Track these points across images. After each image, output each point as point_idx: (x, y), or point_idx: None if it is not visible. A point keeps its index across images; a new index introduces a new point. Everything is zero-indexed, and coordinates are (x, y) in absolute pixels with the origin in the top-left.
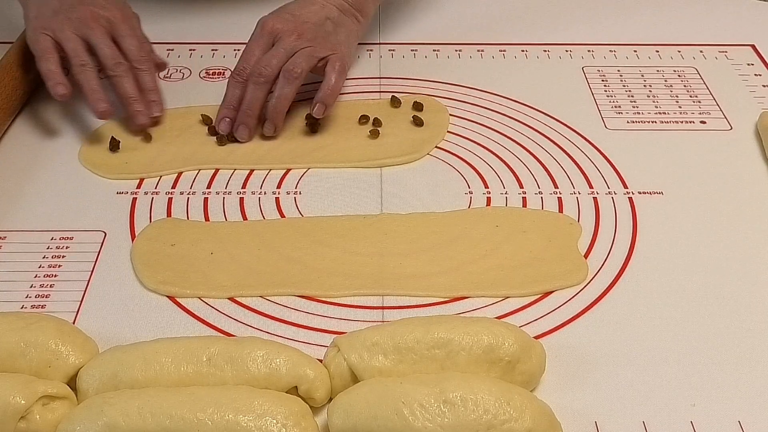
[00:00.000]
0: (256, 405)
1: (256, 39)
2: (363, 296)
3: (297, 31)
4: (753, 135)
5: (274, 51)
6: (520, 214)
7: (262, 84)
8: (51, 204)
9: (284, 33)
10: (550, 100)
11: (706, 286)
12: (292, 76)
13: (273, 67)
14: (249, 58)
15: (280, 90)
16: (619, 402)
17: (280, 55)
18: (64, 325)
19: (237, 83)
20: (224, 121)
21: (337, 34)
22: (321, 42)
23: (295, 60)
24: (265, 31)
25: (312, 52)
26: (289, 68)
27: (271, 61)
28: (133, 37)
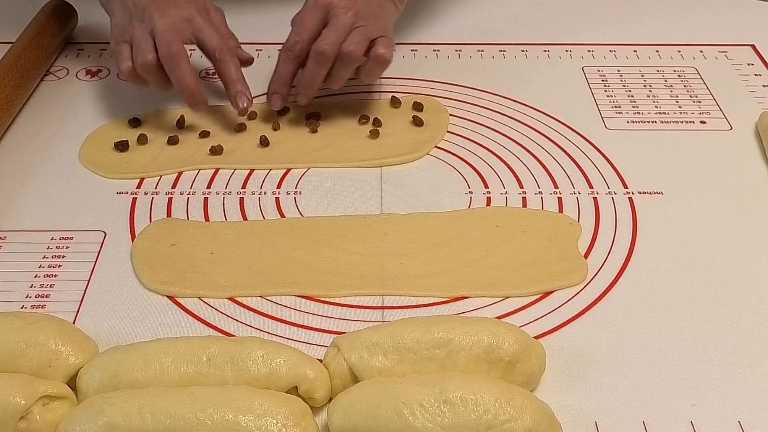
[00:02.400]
0: (256, 405)
1: (309, 11)
2: (363, 296)
3: (353, 8)
4: (753, 135)
5: (334, 29)
6: (520, 214)
7: (324, 63)
8: (51, 204)
9: (339, 8)
10: (550, 100)
11: (706, 286)
12: (350, 59)
13: (335, 46)
14: (302, 31)
15: (337, 71)
16: (619, 402)
17: (340, 32)
18: (64, 325)
19: (290, 59)
20: (276, 96)
21: (384, 16)
22: (373, 22)
23: (353, 40)
24: (320, 5)
25: (366, 33)
26: (348, 51)
27: (332, 37)
28: (210, 29)
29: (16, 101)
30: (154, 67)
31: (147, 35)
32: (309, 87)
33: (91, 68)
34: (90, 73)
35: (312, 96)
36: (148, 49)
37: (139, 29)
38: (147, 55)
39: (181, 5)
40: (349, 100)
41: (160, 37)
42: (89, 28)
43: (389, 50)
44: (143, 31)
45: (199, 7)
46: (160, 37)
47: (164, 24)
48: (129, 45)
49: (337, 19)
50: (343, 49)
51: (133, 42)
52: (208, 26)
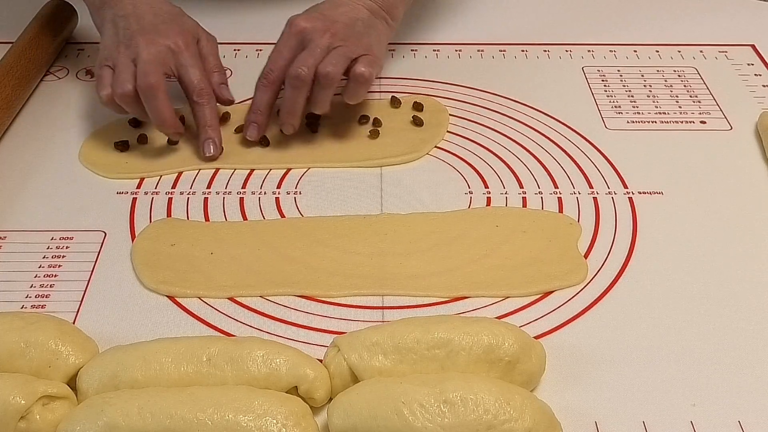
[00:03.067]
0: (256, 405)
1: (284, 40)
2: (363, 296)
3: (329, 30)
4: (753, 135)
5: (310, 51)
6: (520, 214)
7: (301, 87)
8: (51, 204)
9: (315, 32)
10: (550, 100)
11: (706, 285)
12: (327, 81)
13: (310, 68)
14: (278, 59)
15: (316, 95)
16: (619, 402)
17: (316, 54)
18: (64, 325)
19: (265, 87)
20: (253, 126)
21: (369, 36)
22: (354, 42)
23: (330, 60)
24: (294, 31)
25: (345, 53)
26: (325, 72)
27: (308, 60)
28: (193, 66)
29: (16, 101)
30: (131, 97)
31: (129, 63)
32: (290, 114)
33: (91, 68)
34: (90, 73)
35: (296, 124)
36: (128, 79)
37: (123, 55)
38: (126, 85)
39: (170, 35)
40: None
41: (140, 67)
42: (89, 28)
43: (370, 68)
44: (127, 58)
45: (187, 39)
46: (141, 67)
47: (148, 53)
48: (111, 70)
49: (312, 42)
50: (319, 71)
51: (116, 68)
52: (192, 62)
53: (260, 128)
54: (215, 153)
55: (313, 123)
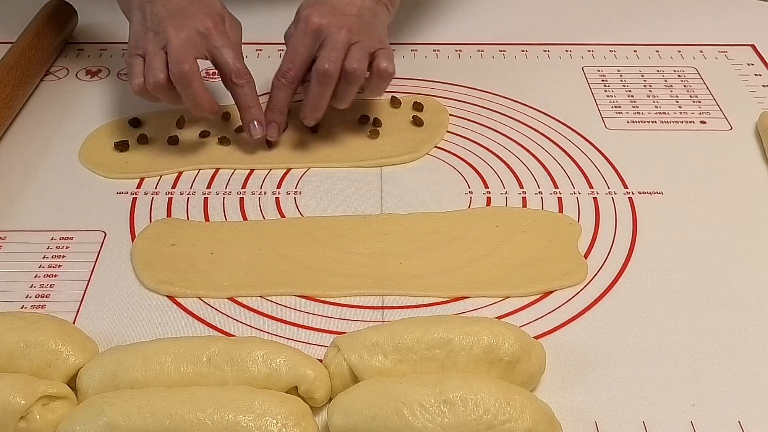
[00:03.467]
0: (256, 405)
1: (299, 36)
2: (363, 296)
3: (345, 25)
4: (753, 135)
5: (332, 47)
6: (520, 214)
7: (328, 83)
8: (51, 204)
9: (332, 28)
10: (550, 100)
11: (706, 286)
12: (354, 77)
13: (337, 64)
14: (294, 57)
15: (343, 91)
16: (619, 402)
17: (339, 51)
18: (64, 325)
19: (284, 86)
20: (273, 126)
21: (377, 26)
22: (368, 35)
23: (354, 57)
24: (310, 28)
25: (365, 48)
26: (352, 69)
27: (333, 56)
28: (226, 47)
29: (16, 101)
30: (164, 86)
31: (160, 51)
32: (315, 108)
33: (91, 68)
34: (90, 73)
35: (319, 118)
36: (160, 68)
37: (152, 43)
38: (158, 74)
39: (198, 17)
40: None
41: (172, 55)
42: (89, 28)
43: (391, 63)
44: (156, 46)
45: (215, 20)
46: (173, 55)
47: (177, 39)
48: (142, 59)
49: (332, 38)
50: (346, 68)
51: (146, 57)
52: (224, 42)
53: (280, 128)
54: (262, 133)
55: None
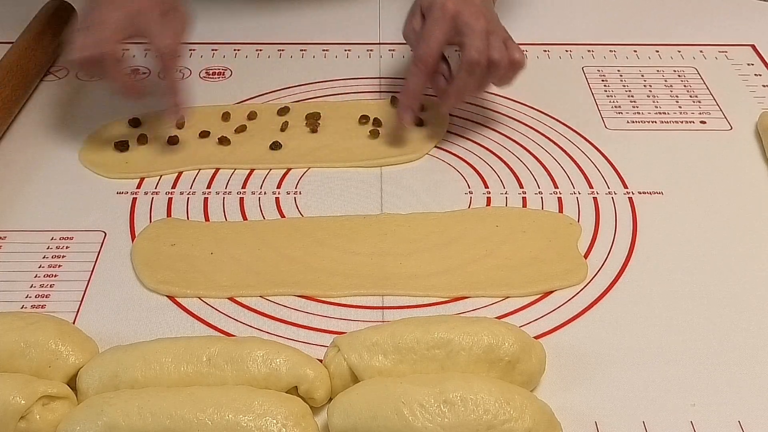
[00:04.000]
0: (256, 405)
1: (438, 23)
2: (363, 296)
3: (481, 14)
4: (753, 135)
5: (476, 37)
6: (520, 214)
7: (477, 72)
8: (51, 204)
9: (470, 16)
10: (550, 100)
11: (706, 286)
12: (497, 67)
13: (485, 55)
14: (432, 43)
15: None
16: (619, 402)
17: (483, 40)
18: (64, 325)
19: (423, 72)
20: (409, 112)
21: (494, 13)
22: (497, 24)
23: (494, 46)
24: (448, 15)
25: (500, 37)
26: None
27: (482, 46)
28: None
29: (16, 101)
30: (92, 63)
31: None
32: (459, 96)
33: None
34: None
35: (458, 105)
36: (88, 46)
37: (90, 20)
38: (84, 51)
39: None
40: (349, 100)
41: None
42: None
43: (522, 53)
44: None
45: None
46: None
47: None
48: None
49: (472, 27)
50: (490, 58)
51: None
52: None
53: (415, 113)
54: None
55: (313, 123)
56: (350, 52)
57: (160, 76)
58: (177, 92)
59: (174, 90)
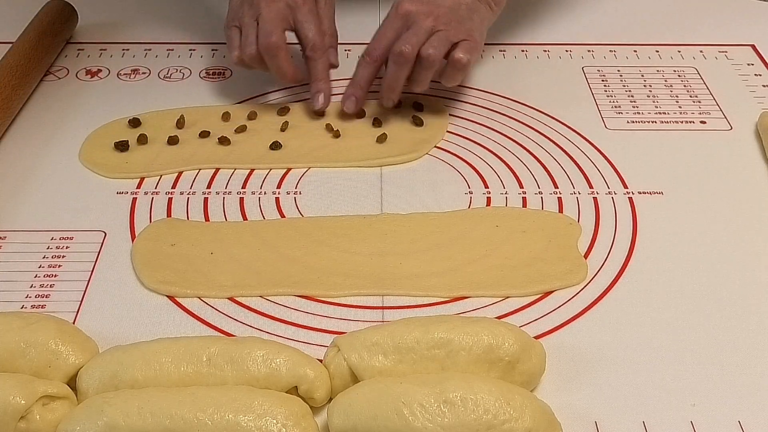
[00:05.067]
0: (256, 405)
1: (390, 21)
2: (363, 296)
3: (433, 14)
4: (753, 135)
5: (414, 31)
6: (520, 214)
7: (403, 64)
8: (51, 204)
9: (419, 15)
10: (550, 100)
11: (706, 286)
12: (429, 62)
13: (414, 47)
14: (382, 39)
15: (417, 75)
16: (619, 402)
17: (420, 35)
18: (64, 325)
19: (368, 64)
20: (351, 99)
21: (471, 20)
22: (456, 26)
23: (432, 43)
24: (400, 13)
25: (447, 36)
26: (426, 53)
27: (412, 40)
28: (310, 21)
29: (16, 101)
30: (257, 57)
31: (253, 23)
32: (390, 89)
33: (91, 68)
34: (90, 73)
35: (395, 99)
36: (253, 41)
37: (247, 15)
38: (251, 47)
39: None
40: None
41: (261, 26)
42: (89, 28)
43: (468, 54)
44: (251, 18)
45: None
46: (262, 26)
47: (268, 12)
48: (239, 30)
49: (417, 23)
50: (421, 53)
51: (242, 29)
52: (309, 17)
53: (358, 102)
54: (324, 105)
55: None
56: (350, 52)
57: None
58: (323, 80)
59: (320, 78)
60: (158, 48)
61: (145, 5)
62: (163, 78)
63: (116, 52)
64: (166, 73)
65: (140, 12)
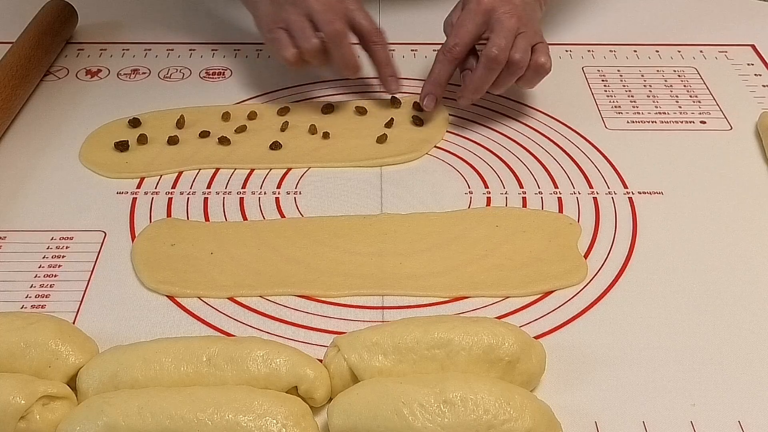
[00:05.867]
0: (256, 405)
1: (470, 15)
2: (363, 296)
3: (516, 13)
4: (753, 135)
5: (502, 34)
6: (520, 214)
7: (495, 69)
8: (51, 204)
9: (503, 13)
10: (550, 100)
11: (706, 286)
12: (517, 68)
13: (506, 53)
14: (462, 34)
15: (503, 78)
16: (619, 402)
17: (509, 39)
18: (64, 325)
19: (449, 60)
20: (430, 97)
21: (536, 19)
22: (531, 26)
23: (520, 47)
24: (482, 9)
25: (529, 39)
26: (516, 59)
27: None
28: (361, 10)
29: (16, 101)
30: (320, 50)
31: (304, 18)
32: (477, 91)
33: (91, 68)
34: (90, 73)
35: (476, 100)
36: (311, 34)
37: (293, 13)
38: (311, 39)
39: None
40: (349, 100)
41: (320, 18)
42: (89, 28)
43: (549, 58)
44: (299, 15)
45: None
46: (321, 17)
47: (319, 4)
48: (285, 31)
49: (502, 24)
50: (511, 57)
51: (291, 27)
52: (358, 5)
53: (438, 100)
54: (397, 89)
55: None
56: None
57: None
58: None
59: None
60: (158, 48)
61: (145, 5)
62: (163, 78)
63: (116, 52)
64: (166, 73)
65: (140, 12)
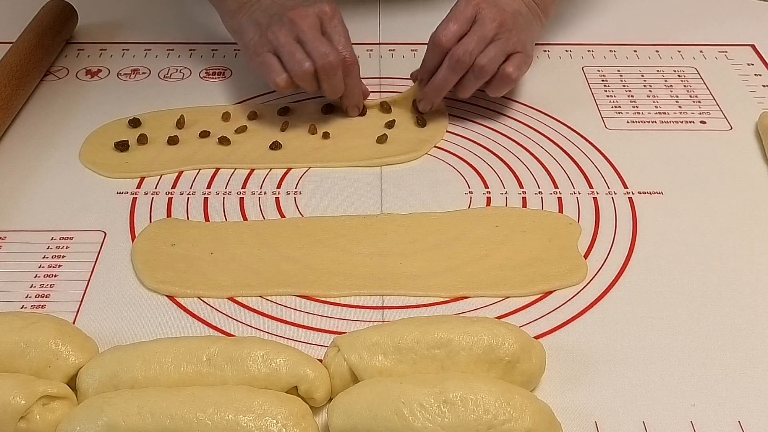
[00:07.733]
0: (256, 405)
1: (461, 10)
2: (363, 296)
3: (498, 18)
4: (753, 135)
5: (475, 37)
6: (520, 214)
7: (459, 71)
8: (51, 204)
9: (486, 17)
10: (550, 100)
11: (706, 286)
12: (481, 73)
13: (472, 56)
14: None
15: (467, 82)
16: (619, 402)
17: (480, 42)
18: (64, 325)
19: (437, 53)
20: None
21: (527, 31)
22: (515, 35)
23: (488, 54)
24: (471, 5)
25: (504, 47)
26: (481, 64)
27: (471, 46)
28: (340, 35)
29: (16, 101)
30: (311, 76)
31: (293, 42)
32: (438, 91)
33: (91, 68)
34: (90, 73)
35: (436, 103)
36: (303, 58)
37: (283, 36)
38: (304, 64)
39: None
40: None
41: (313, 46)
42: (89, 28)
43: (518, 70)
44: (287, 38)
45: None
46: (315, 47)
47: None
48: (273, 55)
49: (482, 25)
50: (476, 62)
51: (280, 51)
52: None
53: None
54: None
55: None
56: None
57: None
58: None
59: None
60: (158, 48)
61: (145, 5)
62: (163, 78)
63: (116, 52)
64: (166, 73)
65: (140, 12)
